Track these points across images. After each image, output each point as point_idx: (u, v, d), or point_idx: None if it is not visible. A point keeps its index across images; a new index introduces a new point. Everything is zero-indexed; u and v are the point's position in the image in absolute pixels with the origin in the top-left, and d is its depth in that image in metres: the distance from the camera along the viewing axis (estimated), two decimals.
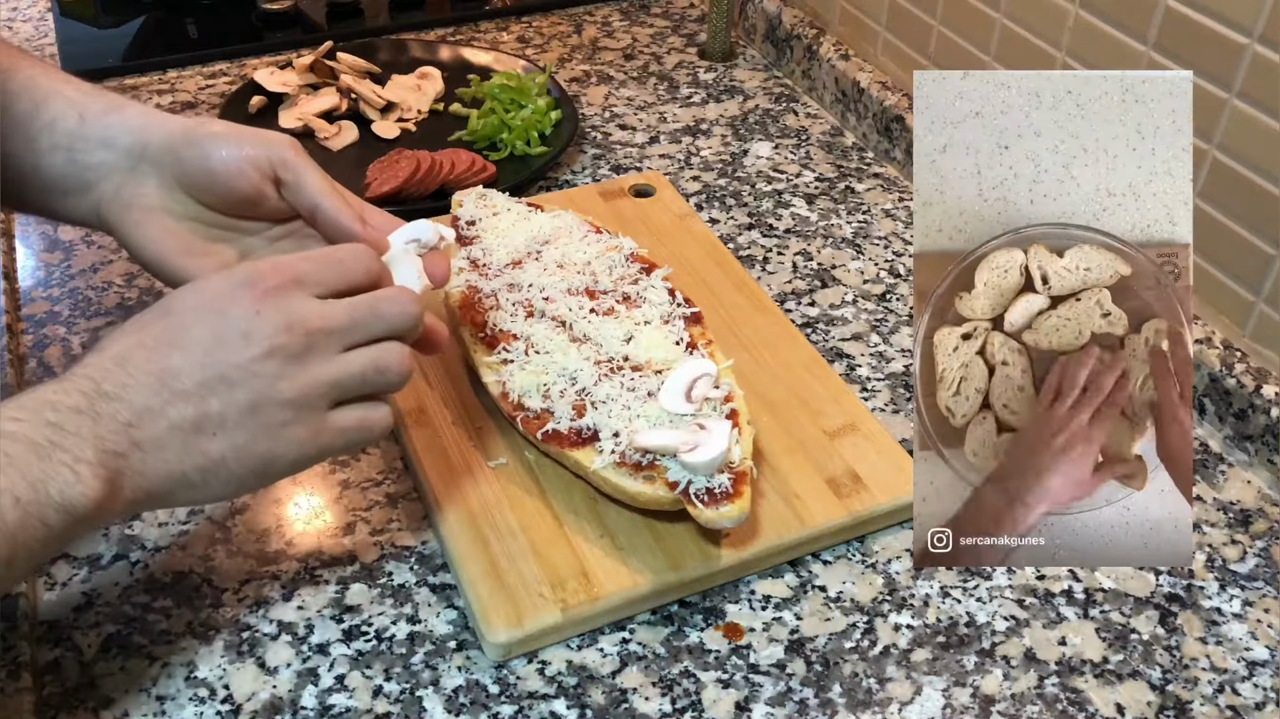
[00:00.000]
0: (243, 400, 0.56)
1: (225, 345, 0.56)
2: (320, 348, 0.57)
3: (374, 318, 0.59)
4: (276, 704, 0.63)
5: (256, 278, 0.57)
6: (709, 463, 0.65)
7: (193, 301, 0.57)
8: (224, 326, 0.56)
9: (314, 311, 0.57)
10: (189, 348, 0.56)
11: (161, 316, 0.57)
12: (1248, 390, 0.78)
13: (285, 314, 0.57)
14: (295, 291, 0.58)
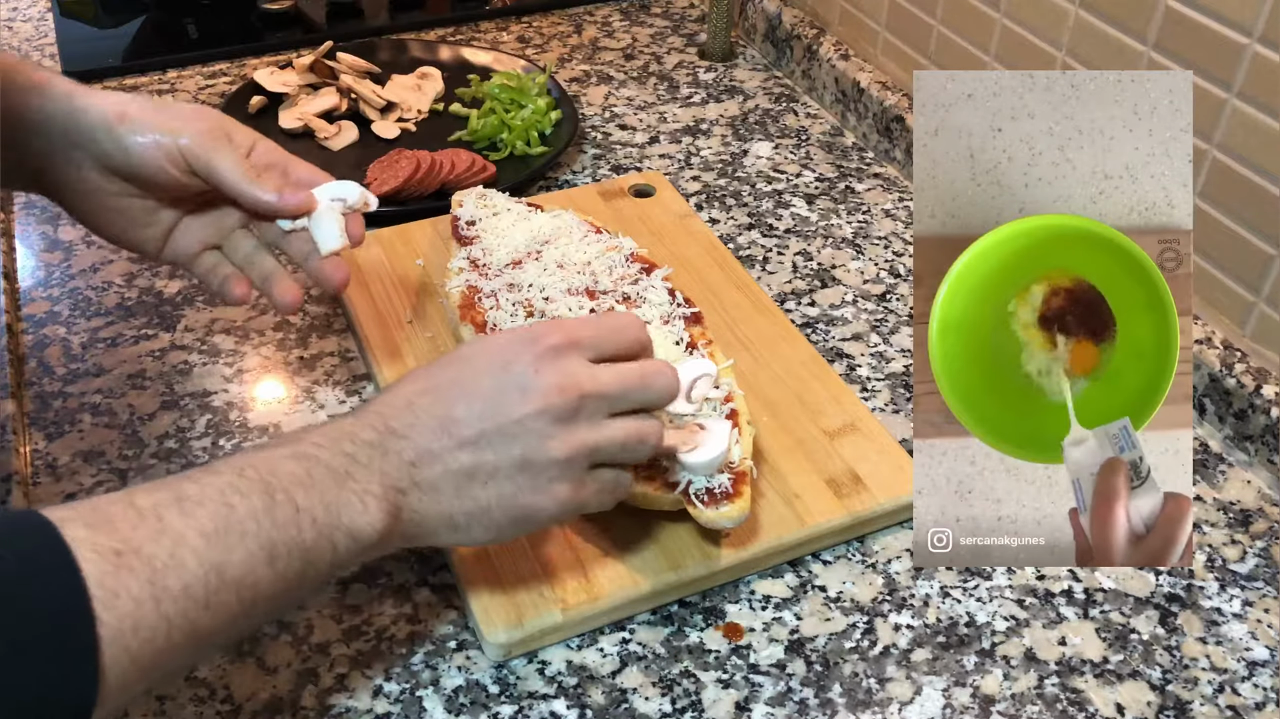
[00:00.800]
0: (515, 454, 0.59)
1: (504, 399, 0.59)
2: (589, 411, 0.60)
3: (641, 389, 0.62)
4: (276, 704, 0.63)
5: (540, 335, 0.60)
6: (709, 463, 0.65)
7: (478, 355, 0.61)
8: (505, 381, 0.59)
9: (587, 375, 0.60)
10: (472, 398, 0.59)
11: (452, 364, 0.61)
12: (1248, 390, 0.78)
13: (561, 374, 0.59)
14: (572, 353, 0.60)
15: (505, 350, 0.60)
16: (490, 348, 0.61)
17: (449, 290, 0.81)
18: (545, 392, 0.59)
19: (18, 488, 0.74)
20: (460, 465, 0.58)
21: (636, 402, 0.62)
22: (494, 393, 0.59)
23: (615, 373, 0.61)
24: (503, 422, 0.58)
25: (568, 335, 0.61)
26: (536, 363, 0.59)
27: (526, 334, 0.61)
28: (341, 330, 0.89)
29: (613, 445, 0.61)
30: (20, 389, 0.82)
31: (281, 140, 1.08)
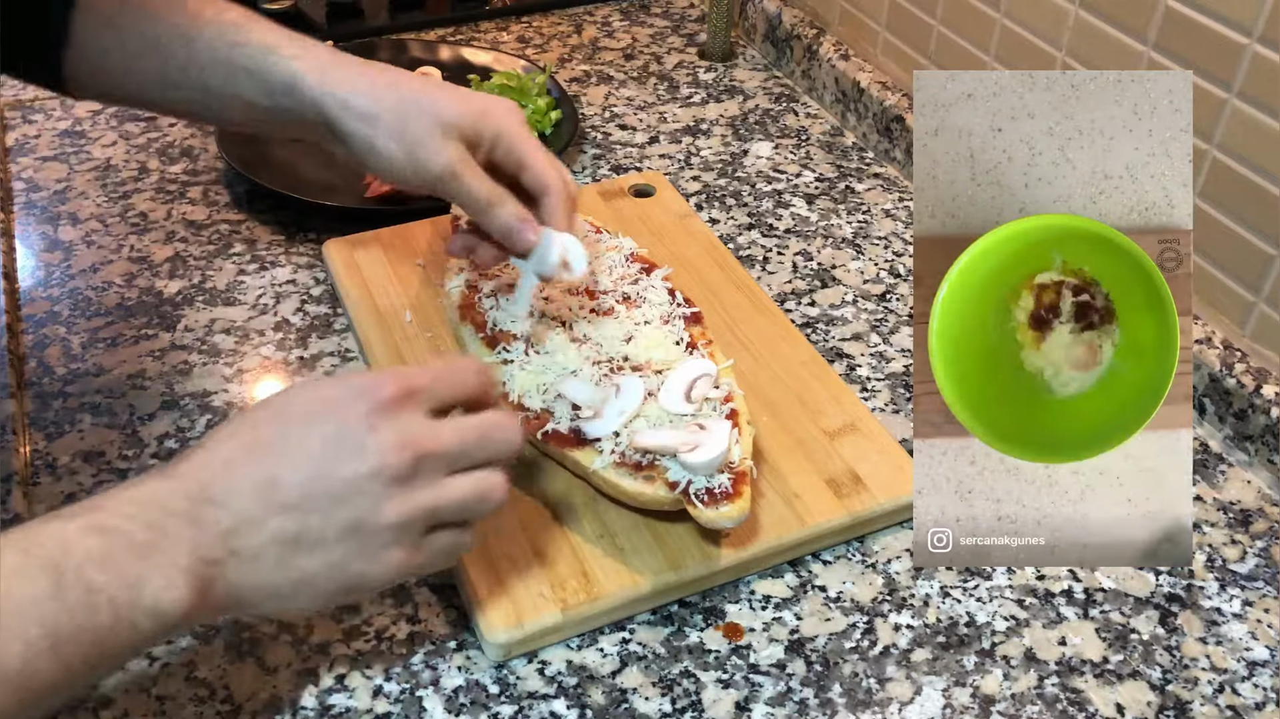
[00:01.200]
0: (345, 518, 0.54)
1: (334, 458, 0.54)
2: (427, 471, 0.56)
3: (481, 446, 0.58)
4: (276, 704, 0.63)
5: (373, 388, 0.56)
6: (709, 463, 0.65)
7: (306, 407, 0.56)
8: (335, 438, 0.55)
9: (427, 433, 0.56)
10: (297, 458, 0.54)
11: (277, 418, 0.56)
12: (1248, 390, 0.78)
13: (399, 432, 0.55)
14: (410, 407, 0.57)
15: (336, 404, 0.56)
16: (319, 400, 0.56)
17: (449, 290, 0.81)
18: (381, 451, 0.54)
19: (18, 488, 0.74)
20: (284, 531, 0.54)
21: (477, 459, 0.58)
22: (323, 452, 0.54)
23: (455, 429, 0.58)
24: (332, 484, 0.54)
25: (404, 386, 0.56)
26: (370, 418, 0.55)
27: (359, 385, 0.56)
28: (341, 330, 0.89)
29: (452, 506, 0.57)
30: (20, 389, 0.82)
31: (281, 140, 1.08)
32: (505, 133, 0.71)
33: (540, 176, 0.72)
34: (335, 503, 0.54)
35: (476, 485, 0.58)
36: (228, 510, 0.53)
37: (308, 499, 0.54)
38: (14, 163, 1.06)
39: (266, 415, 0.56)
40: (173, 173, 1.05)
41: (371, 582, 0.57)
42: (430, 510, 0.56)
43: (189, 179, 1.05)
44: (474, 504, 0.58)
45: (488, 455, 0.59)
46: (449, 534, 0.59)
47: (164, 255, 0.96)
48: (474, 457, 0.58)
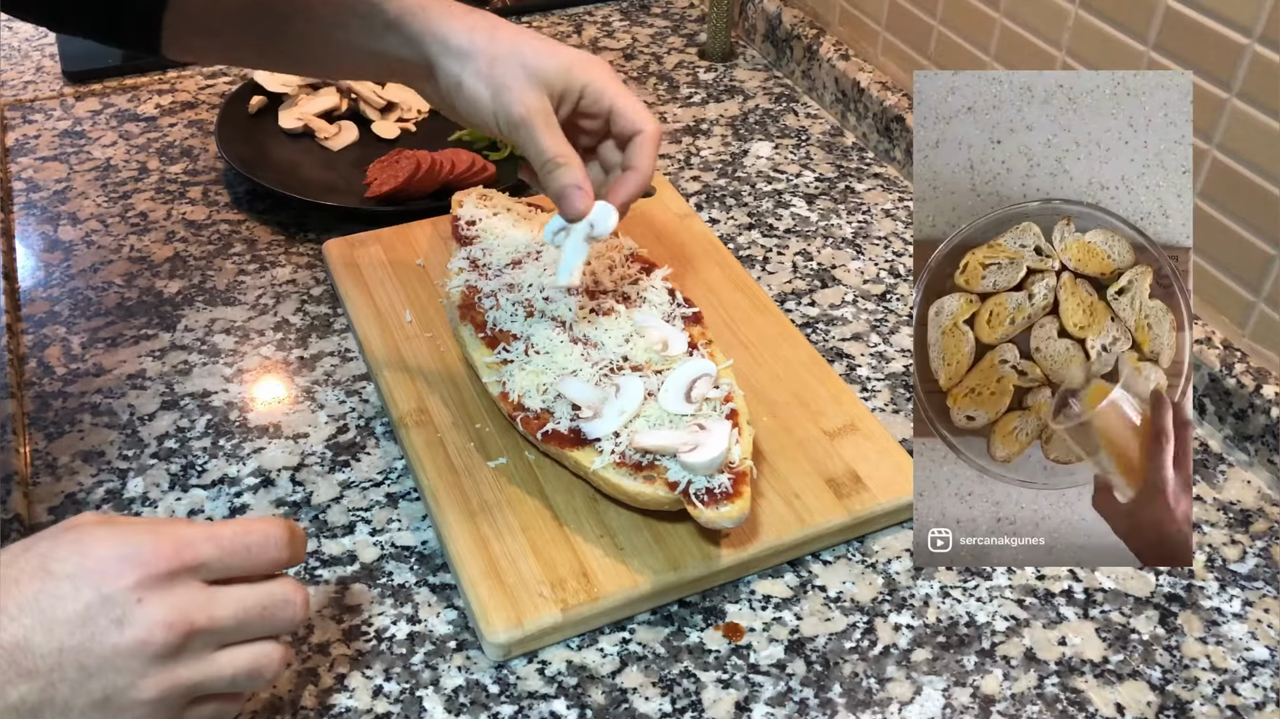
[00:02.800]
0: (95, 691, 0.50)
1: (92, 627, 0.50)
2: (195, 647, 0.52)
3: (262, 622, 0.55)
4: (276, 704, 0.63)
5: (149, 556, 0.52)
6: (709, 463, 0.65)
7: (73, 567, 0.51)
8: (97, 606, 0.50)
9: (201, 608, 0.52)
10: (53, 624, 0.50)
11: (36, 576, 0.51)
12: (1248, 390, 0.78)
13: (168, 608, 0.51)
14: (188, 580, 0.53)
15: (104, 569, 0.51)
16: (87, 559, 0.51)
17: (449, 290, 0.81)
18: (148, 626, 0.50)
19: (18, 488, 0.74)
20: (24, 700, 0.49)
21: (255, 634, 0.55)
22: (80, 619, 0.50)
23: (235, 602, 0.54)
24: (86, 656, 0.50)
25: (186, 560, 0.52)
26: (140, 590, 0.51)
27: (134, 551, 0.52)
28: (341, 330, 0.89)
29: (218, 683, 0.53)
30: (20, 389, 0.82)
31: (281, 140, 1.08)
32: (593, 82, 0.71)
33: (632, 121, 0.71)
34: (87, 675, 0.50)
35: (250, 661, 0.54)
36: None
37: (56, 669, 0.50)
38: (14, 163, 1.06)
39: (29, 568, 0.51)
40: (173, 173, 1.05)
41: None
42: (193, 687, 0.53)
43: (189, 179, 1.05)
44: (244, 680, 0.54)
45: (267, 630, 0.55)
46: (213, 706, 0.55)
47: (164, 255, 0.96)
48: (251, 632, 0.55)
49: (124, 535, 0.52)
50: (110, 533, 0.53)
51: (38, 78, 1.19)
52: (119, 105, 1.15)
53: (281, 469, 0.77)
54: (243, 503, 0.74)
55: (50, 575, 0.51)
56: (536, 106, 0.69)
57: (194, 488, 0.75)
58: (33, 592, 0.50)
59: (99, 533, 0.53)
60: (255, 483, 0.76)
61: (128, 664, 0.50)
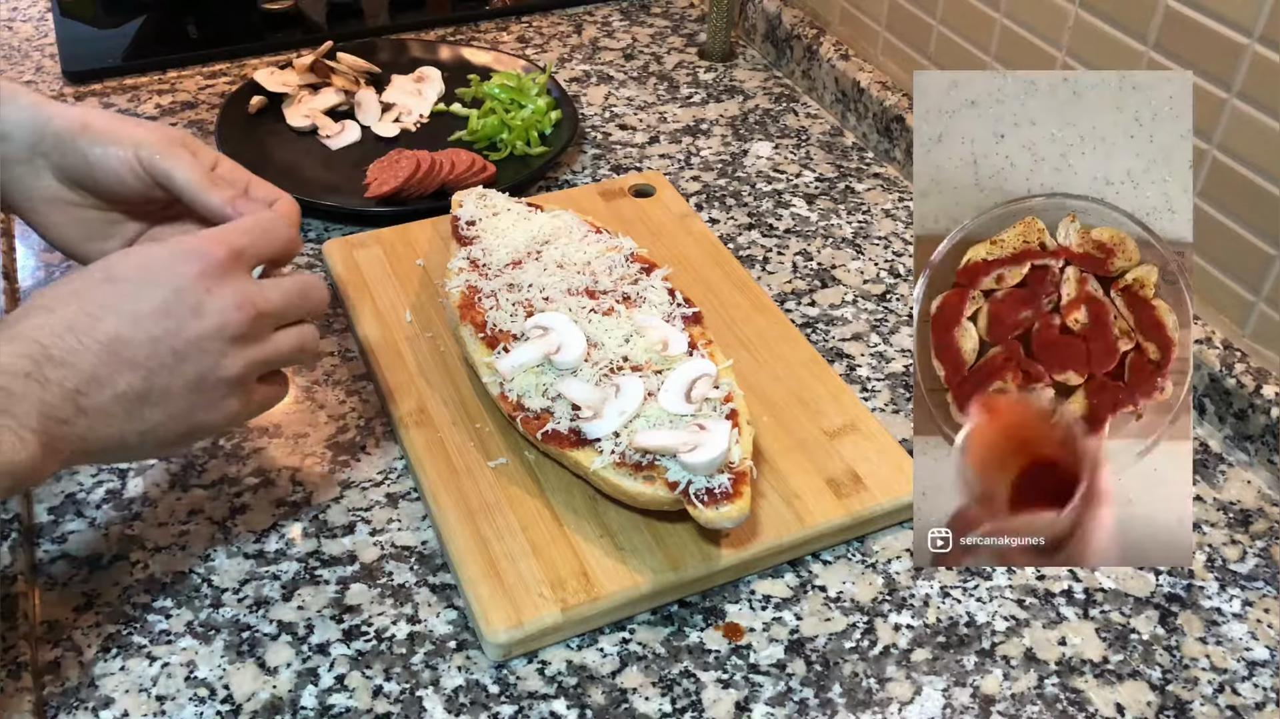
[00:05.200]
0: (189, 374, 0.58)
1: (174, 318, 0.57)
2: (259, 328, 0.61)
3: (302, 303, 0.63)
4: (276, 704, 0.63)
5: (203, 253, 0.59)
6: (709, 463, 0.65)
7: (138, 271, 0.58)
8: (174, 300, 0.58)
9: (259, 292, 0.61)
10: (139, 319, 0.57)
11: (105, 283, 0.58)
12: (1248, 390, 0.78)
13: (235, 294, 0.59)
14: (238, 269, 0.61)
15: (167, 269, 0.58)
16: (148, 263, 0.59)
17: (449, 290, 0.81)
18: (222, 311, 0.59)
19: None
20: (131, 388, 0.57)
21: (299, 315, 0.64)
22: (162, 312, 0.57)
23: (279, 289, 0.62)
24: (176, 343, 0.58)
25: (230, 248, 0.60)
26: (205, 280, 0.59)
27: (188, 250, 0.59)
28: (341, 330, 0.89)
29: (280, 358, 0.63)
30: None
31: (281, 140, 1.08)
32: None
33: None
34: (179, 360, 0.58)
35: (298, 337, 0.64)
36: (73, 370, 0.55)
37: (152, 357, 0.57)
38: None
39: (98, 279, 0.58)
40: None
41: (210, 429, 0.62)
42: (263, 363, 0.61)
43: None
44: (297, 354, 0.64)
45: (306, 311, 0.64)
46: (270, 388, 0.64)
47: None
48: (296, 313, 0.63)
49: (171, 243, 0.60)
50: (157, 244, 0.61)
51: (38, 78, 1.19)
52: (119, 105, 1.15)
53: (281, 469, 0.77)
54: (243, 503, 0.74)
55: (118, 280, 0.58)
56: None
57: (194, 488, 0.75)
58: (109, 296, 0.57)
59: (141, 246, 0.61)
60: (255, 483, 0.76)
61: (211, 346, 0.58)
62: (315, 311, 0.65)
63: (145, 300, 0.57)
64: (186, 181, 0.69)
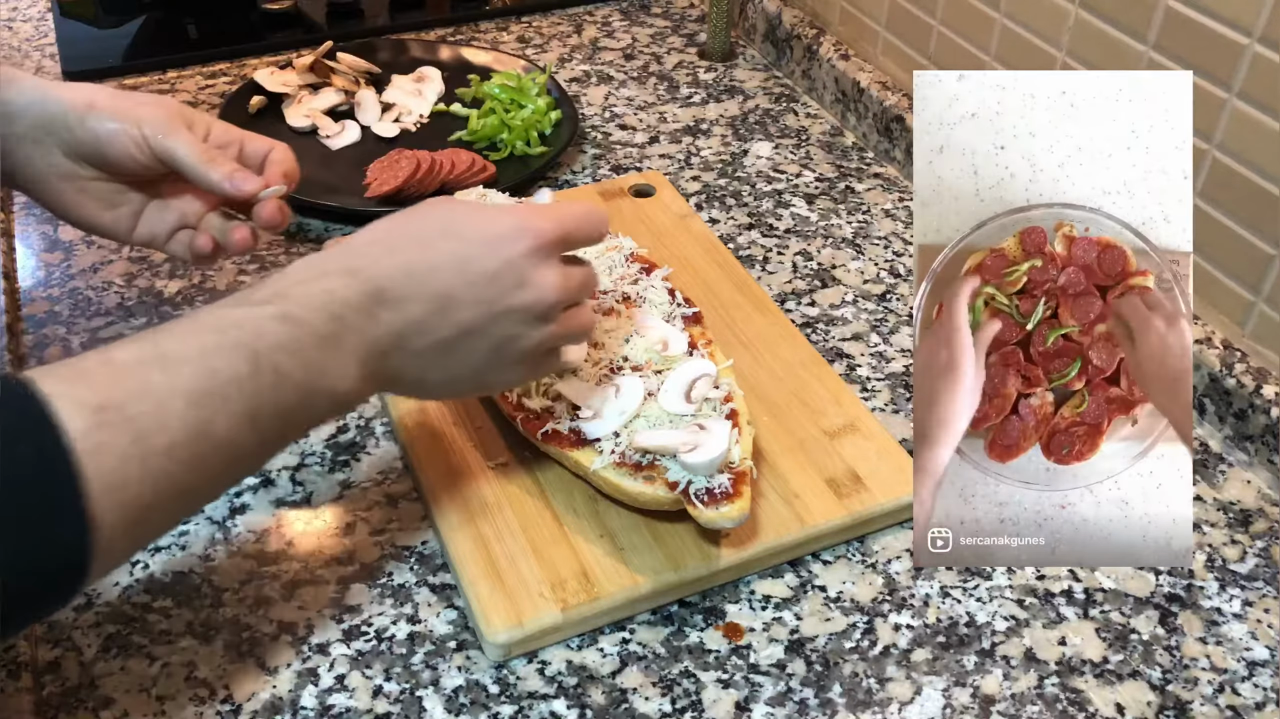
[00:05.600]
0: (497, 336, 0.62)
1: (501, 284, 0.61)
2: (559, 309, 0.64)
3: (586, 290, 0.66)
4: (276, 704, 0.63)
5: (540, 231, 0.62)
6: (709, 463, 0.65)
7: (478, 231, 0.62)
8: (504, 268, 0.61)
9: (570, 279, 0.64)
10: (473, 280, 0.61)
11: (446, 237, 0.62)
12: (1248, 390, 0.78)
13: (555, 275, 0.63)
14: (558, 251, 0.64)
15: (506, 238, 0.62)
16: (490, 227, 0.62)
17: None
18: (541, 289, 0.62)
19: None
20: (446, 340, 0.61)
21: (580, 298, 0.66)
22: (493, 278, 0.61)
23: (578, 277, 0.65)
24: (496, 309, 0.61)
25: (561, 231, 0.63)
26: (533, 257, 0.62)
27: (525, 225, 0.62)
28: None
29: (566, 337, 0.66)
30: None
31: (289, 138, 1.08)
32: None
33: None
34: (494, 322, 0.62)
35: (584, 321, 0.67)
36: (401, 314, 0.60)
37: (474, 319, 0.61)
38: None
39: (438, 229, 0.62)
40: None
41: (498, 386, 0.69)
42: (554, 339, 0.65)
43: None
44: (580, 334, 0.67)
45: (585, 295, 0.67)
46: (554, 359, 0.68)
47: (164, 255, 0.95)
48: (580, 297, 0.66)
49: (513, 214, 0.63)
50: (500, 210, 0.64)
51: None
52: None
53: (281, 469, 0.77)
54: (243, 502, 0.74)
55: (463, 239, 0.62)
56: None
57: None
58: (450, 250, 0.61)
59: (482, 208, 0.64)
60: (255, 482, 0.76)
61: (522, 318, 0.62)
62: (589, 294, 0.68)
63: (480, 263, 0.61)
64: (187, 159, 0.72)
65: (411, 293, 0.60)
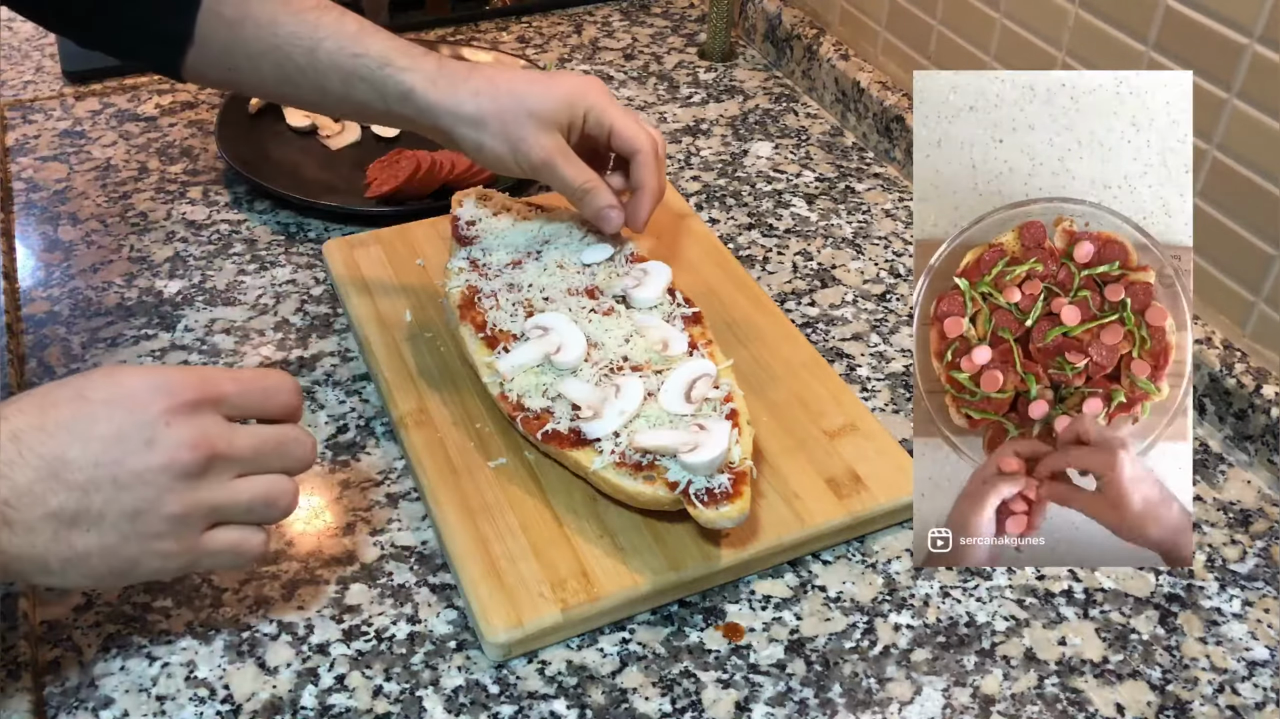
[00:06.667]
0: (126, 504, 0.55)
1: (125, 446, 0.55)
2: (217, 471, 0.57)
3: (276, 456, 0.60)
4: (276, 704, 0.63)
5: (177, 387, 0.57)
6: (709, 463, 0.65)
7: (106, 394, 0.56)
8: (130, 428, 0.56)
9: (222, 436, 0.58)
10: (89, 441, 0.55)
11: (72, 400, 0.56)
12: (1248, 390, 0.78)
13: (193, 432, 0.57)
14: (210, 411, 0.58)
15: (135, 397, 0.56)
16: (119, 388, 0.57)
17: (449, 290, 0.81)
18: (174, 447, 0.56)
19: None
20: (63, 508, 0.54)
21: (270, 468, 0.60)
22: (114, 438, 0.55)
23: (252, 436, 0.59)
24: (120, 471, 0.55)
25: (208, 392, 0.58)
26: (168, 415, 0.56)
27: (163, 382, 0.57)
28: (342, 330, 0.89)
29: (236, 508, 0.59)
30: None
31: (281, 140, 1.08)
32: (593, 108, 0.78)
33: (629, 141, 0.79)
34: (119, 489, 0.55)
35: (266, 489, 0.59)
36: (7, 482, 0.54)
37: (93, 481, 0.55)
38: (14, 163, 1.06)
39: (65, 395, 0.57)
40: (173, 173, 1.05)
41: (143, 570, 0.58)
42: (213, 508, 0.58)
43: (189, 179, 1.05)
44: (260, 508, 0.59)
45: (282, 466, 0.60)
46: (233, 534, 0.59)
47: (164, 255, 0.96)
48: (267, 465, 0.59)
49: (153, 371, 0.58)
50: (140, 369, 0.59)
51: (38, 78, 1.19)
52: (119, 105, 1.15)
53: None
54: None
55: (86, 401, 0.56)
56: (552, 147, 0.77)
57: None
58: (70, 413, 0.56)
59: (130, 369, 0.59)
60: None
61: (156, 480, 0.56)
62: (293, 468, 0.61)
63: (102, 424, 0.55)
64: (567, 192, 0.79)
65: (17, 459, 0.54)
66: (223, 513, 0.58)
